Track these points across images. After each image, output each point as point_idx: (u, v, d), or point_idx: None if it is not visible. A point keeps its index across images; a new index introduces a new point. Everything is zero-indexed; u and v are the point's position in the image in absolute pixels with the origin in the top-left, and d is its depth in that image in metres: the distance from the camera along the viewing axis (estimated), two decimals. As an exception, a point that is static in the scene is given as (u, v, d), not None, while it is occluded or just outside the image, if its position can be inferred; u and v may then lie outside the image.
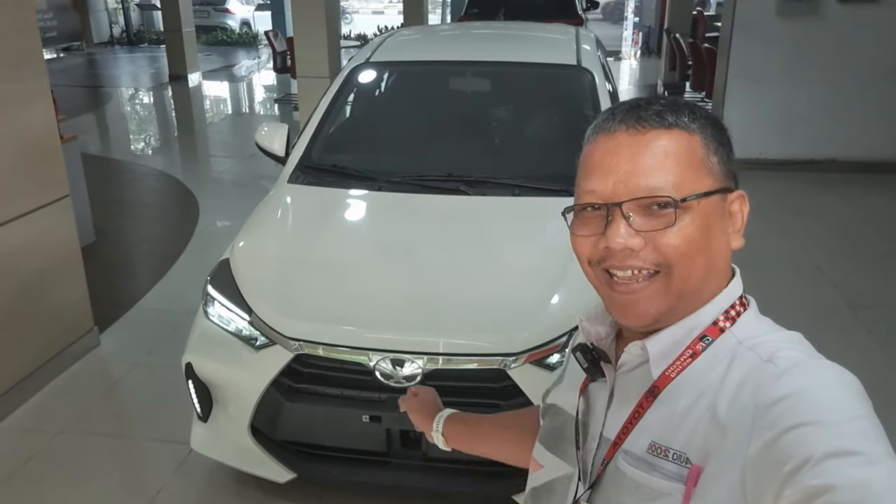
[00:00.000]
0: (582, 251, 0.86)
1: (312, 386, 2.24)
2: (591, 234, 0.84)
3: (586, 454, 0.89)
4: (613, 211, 0.81)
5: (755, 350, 0.78)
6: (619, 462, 0.83)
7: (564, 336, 2.18)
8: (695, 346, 0.82)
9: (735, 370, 0.78)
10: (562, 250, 2.47)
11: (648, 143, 0.81)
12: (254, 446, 2.32)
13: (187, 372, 2.40)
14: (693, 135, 0.82)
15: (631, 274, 0.81)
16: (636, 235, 0.80)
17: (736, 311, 0.84)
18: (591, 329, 0.94)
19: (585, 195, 0.85)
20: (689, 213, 0.80)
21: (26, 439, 2.91)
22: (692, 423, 0.77)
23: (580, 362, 0.93)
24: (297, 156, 3.10)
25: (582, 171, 0.87)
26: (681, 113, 0.83)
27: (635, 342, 0.86)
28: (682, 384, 0.81)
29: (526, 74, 3.41)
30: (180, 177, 6.68)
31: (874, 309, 3.93)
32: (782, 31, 6.18)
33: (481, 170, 2.95)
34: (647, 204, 0.80)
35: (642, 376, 0.85)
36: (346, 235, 2.83)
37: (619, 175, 0.81)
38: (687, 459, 0.76)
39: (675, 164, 0.80)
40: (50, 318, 3.31)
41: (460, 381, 2.20)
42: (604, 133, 0.84)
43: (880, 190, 5.90)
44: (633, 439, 0.82)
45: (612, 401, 0.89)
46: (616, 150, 0.82)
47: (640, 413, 0.83)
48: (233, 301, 2.39)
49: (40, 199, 3.22)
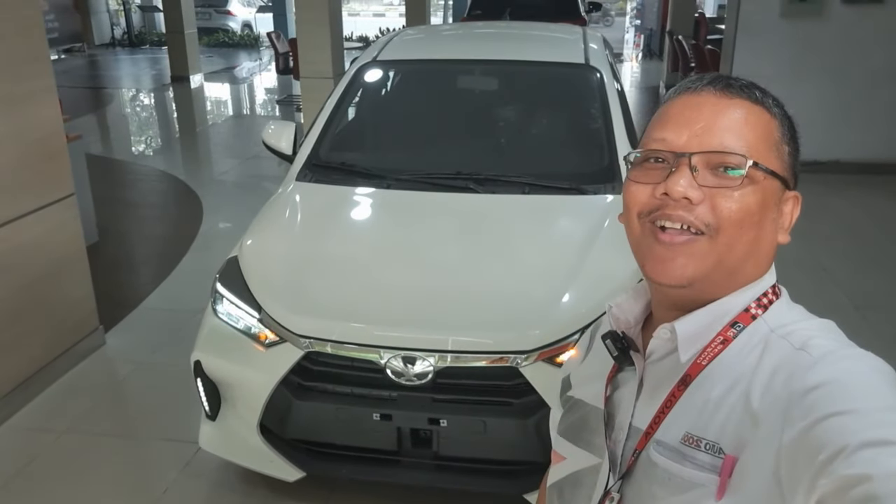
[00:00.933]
0: (635, 198, 0.84)
1: (322, 384, 2.23)
2: (650, 183, 0.82)
3: (615, 444, 0.88)
4: (680, 161, 0.80)
5: (788, 338, 0.78)
6: (650, 452, 0.81)
7: (576, 334, 2.17)
8: (726, 333, 0.81)
9: (768, 358, 0.77)
10: (572, 248, 2.50)
11: (732, 107, 0.81)
12: (263, 445, 2.31)
13: (196, 370, 2.38)
14: (774, 117, 0.83)
15: (679, 227, 0.79)
16: (698, 188, 0.79)
17: (768, 298, 0.83)
18: (621, 315, 0.93)
19: (654, 142, 0.83)
20: (753, 184, 0.79)
21: (31, 438, 2.89)
22: (725, 413, 0.76)
23: (610, 350, 0.91)
24: (305, 154, 3.08)
25: (655, 121, 0.86)
26: (767, 95, 0.84)
27: (664, 325, 0.84)
28: (714, 372, 0.80)
29: (534, 73, 3.40)
30: (183, 177, 6.67)
31: (880, 310, 3.92)
32: (786, 32, 6.17)
33: (490, 168, 2.93)
34: (716, 163, 0.79)
35: (672, 365, 0.84)
36: (356, 233, 2.82)
37: (696, 129, 0.80)
38: (720, 449, 0.75)
39: (751, 133, 0.80)
40: (55, 317, 3.29)
41: (472, 378, 2.18)
42: (689, 91, 0.84)
43: (885, 191, 5.89)
44: (665, 429, 0.81)
45: (641, 390, 0.87)
46: (698, 106, 0.82)
47: (672, 402, 0.82)
48: (242, 298, 2.37)
49: (46, 197, 3.21)
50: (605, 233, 2.57)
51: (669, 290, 0.83)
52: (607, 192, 2.78)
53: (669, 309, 0.86)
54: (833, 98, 6.18)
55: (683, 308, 0.84)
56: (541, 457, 2.19)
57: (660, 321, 0.87)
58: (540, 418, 2.12)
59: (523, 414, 2.14)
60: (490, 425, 2.16)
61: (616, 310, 0.93)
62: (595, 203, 2.76)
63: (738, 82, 0.83)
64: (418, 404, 2.17)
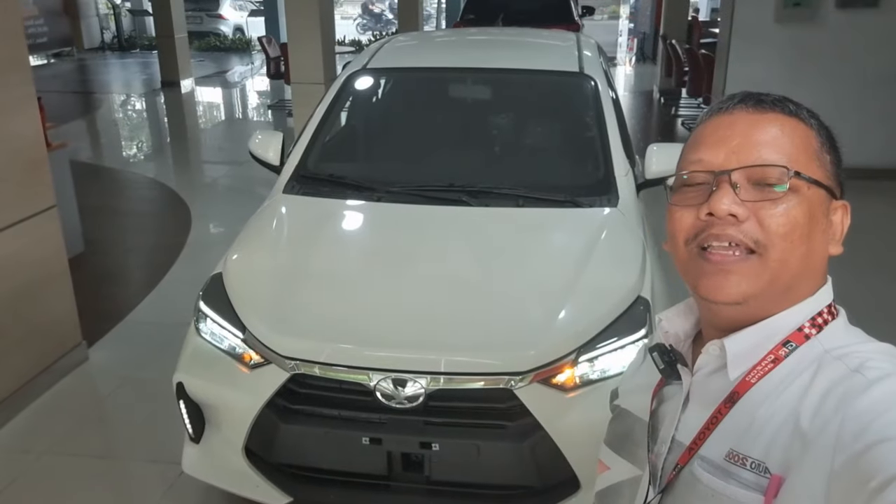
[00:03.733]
0: (680, 224, 0.82)
1: (310, 407, 2.14)
2: (692, 206, 0.81)
3: (656, 458, 0.87)
4: (721, 179, 0.78)
5: (843, 360, 0.75)
6: (694, 468, 0.80)
7: (573, 354, 2.10)
8: (777, 352, 0.79)
9: (820, 379, 0.74)
10: (568, 264, 2.43)
11: (766, 122, 0.80)
12: (248, 469, 2.23)
13: (178, 392, 2.30)
14: (810, 128, 0.82)
15: (728, 245, 0.78)
16: (742, 205, 0.77)
17: (823, 318, 0.81)
18: (671, 329, 0.91)
19: (691, 164, 0.82)
20: (798, 195, 0.77)
21: (11, 460, 2.80)
22: (773, 432, 0.74)
23: (657, 363, 0.90)
24: (293, 165, 3.00)
25: (690, 144, 0.85)
26: (801, 107, 0.83)
27: (714, 341, 0.83)
28: (763, 391, 0.78)
29: (528, 82, 3.33)
30: (172, 184, 6.57)
31: (874, 315, 3.86)
32: (780, 37, 6.15)
33: (483, 180, 2.86)
34: (757, 177, 0.78)
35: (720, 382, 0.82)
36: (345, 248, 2.74)
37: (732, 146, 0.79)
38: (766, 469, 0.73)
39: (790, 144, 0.79)
40: (36, 333, 3.20)
41: (464, 401, 2.11)
42: (721, 111, 0.83)
43: (879, 196, 5.86)
44: (710, 446, 0.80)
45: (686, 405, 0.86)
46: (731, 125, 0.81)
47: (719, 419, 0.80)
48: (226, 318, 2.29)
49: (25, 210, 3.12)
50: (601, 247, 2.51)
51: (722, 309, 0.81)
52: (603, 205, 2.71)
53: (719, 330, 0.84)
54: (827, 103, 6.02)
55: (733, 329, 0.82)
56: (536, 481, 2.12)
57: (709, 338, 0.85)
58: (535, 442, 2.05)
59: (518, 437, 2.06)
60: (483, 449, 2.09)
61: (666, 323, 0.92)
62: (591, 216, 2.69)
63: (770, 97, 0.82)
64: (409, 428, 2.09)
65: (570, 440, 2.04)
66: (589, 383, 2.10)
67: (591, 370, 2.12)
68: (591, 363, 2.12)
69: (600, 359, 2.12)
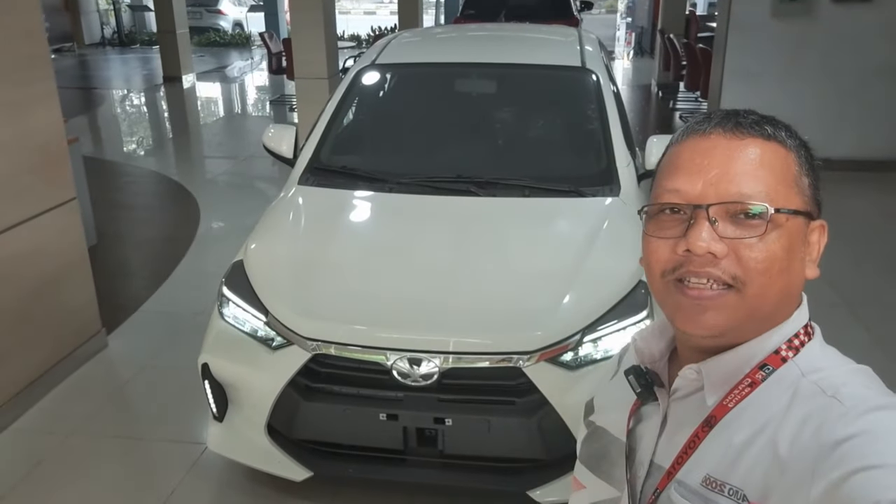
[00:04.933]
0: (657, 256, 0.80)
1: (329, 385, 2.27)
2: (669, 238, 0.79)
3: (634, 479, 0.87)
4: (698, 213, 0.76)
5: (819, 384, 0.75)
6: (671, 493, 0.80)
7: (577, 334, 2.22)
8: (754, 376, 0.79)
9: (798, 405, 0.74)
10: (572, 250, 2.54)
11: (744, 149, 0.78)
12: (270, 445, 2.35)
13: (203, 372, 2.42)
14: (789, 151, 0.80)
15: (706, 282, 0.77)
16: (720, 241, 0.76)
17: (800, 340, 0.80)
18: (646, 349, 0.91)
19: (667, 194, 0.80)
20: (777, 229, 0.76)
21: (37, 442, 2.91)
22: (751, 459, 0.74)
23: (633, 386, 0.89)
24: (307, 158, 3.12)
25: (666, 169, 0.82)
26: (779, 127, 0.81)
27: (690, 366, 0.83)
28: (741, 415, 0.78)
29: (532, 76, 3.45)
30: (179, 179, 6.67)
31: (872, 307, 3.99)
32: (777, 31, 6.23)
33: (490, 171, 2.98)
34: (735, 211, 0.76)
35: (697, 404, 0.82)
36: (359, 236, 2.86)
37: (710, 177, 0.77)
38: (744, 496, 0.73)
39: (769, 175, 0.77)
40: (59, 321, 3.31)
41: (476, 379, 2.23)
42: (697, 134, 0.81)
43: (876, 188, 5.97)
44: (688, 470, 0.80)
45: (664, 427, 0.86)
46: (709, 152, 0.78)
47: (696, 443, 0.80)
48: (248, 302, 2.41)
49: (48, 202, 3.23)
50: (604, 234, 2.63)
51: (699, 340, 0.81)
52: (605, 195, 2.83)
53: (695, 351, 0.84)
54: (824, 97, 6.25)
55: (710, 352, 0.82)
56: (543, 454, 2.24)
57: (685, 360, 0.85)
58: (542, 417, 2.17)
59: (526, 413, 2.19)
60: (494, 424, 2.21)
61: (640, 343, 0.92)
62: (594, 205, 2.81)
63: (748, 119, 0.80)
64: (424, 404, 2.22)
65: (575, 415, 2.14)
66: (593, 362, 2.22)
67: (595, 350, 2.24)
68: (594, 343, 2.24)
69: (604, 339, 2.24)
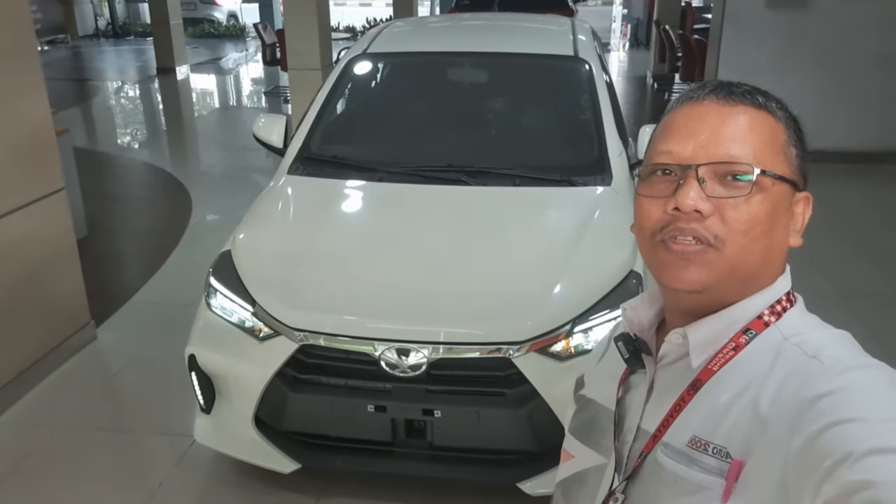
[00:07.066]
0: (647, 216, 0.84)
1: (317, 376, 2.24)
2: (660, 197, 0.83)
3: (622, 446, 0.90)
4: (687, 174, 0.80)
5: (801, 346, 0.78)
6: (658, 455, 0.83)
7: (568, 325, 2.20)
8: (738, 340, 0.82)
9: (779, 366, 0.77)
10: (563, 239, 2.52)
11: (735, 115, 0.82)
12: (258, 437, 2.33)
13: (190, 364, 2.40)
14: (779, 121, 0.83)
15: (691, 239, 0.80)
16: (707, 200, 0.79)
17: (782, 306, 0.84)
18: (635, 318, 0.93)
19: (660, 155, 0.84)
20: (762, 192, 0.80)
21: (25, 434, 2.89)
22: (734, 418, 0.77)
23: (622, 352, 0.92)
24: (296, 147, 3.09)
25: (660, 133, 0.87)
26: (770, 98, 0.85)
27: (676, 329, 0.85)
28: (725, 378, 0.81)
29: (524, 65, 3.42)
30: (171, 170, 6.64)
31: (865, 297, 3.98)
32: (772, 22, 6.22)
33: (481, 160, 2.95)
34: (723, 172, 0.80)
35: (683, 370, 0.85)
36: (349, 226, 2.83)
37: (700, 140, 0.81)
38: (728, 454, 0.76)
39: (758, 140, 0.81)
40: (47, 312, 3.29)
41: (465, 369, 2.21)
42: (691, 101, 0.85)
43: (870, 180, 5.97)
44: (674, 433, 0.82)
45: (651, 393, 0.89)
46: (701, 116, 0.82)
47: (682, 406, 0.83)
48: (236, 292, 2.38)
49: (36, 192, 3.20)
50: (596, 224, 2.60)
51: (684, 296, 0.84)
52: (597, 184, 2.81)
53: (682, 315, 0.87)
54: (819, 88, 6.23)
55: (696, 314, 0.85)
56: (533, 446, 2.22)
57: (673, 326, 0.88)
58: (532, 408, 2.15)
59: (516, 404, 2.17)
60: (483, 415, 2.19)
61: (630, 312, 0.94)
62: (585, 195, 2.79)
63: (740, 88, 0.84)
64: (412, 395, 2.19)
65: (565, 406, 2.13)
66: (583, 353, 2.19)
67: (586, 340, 2.22)
68: (585, 334, 2.22)
69: (594, 329, 2.22)
